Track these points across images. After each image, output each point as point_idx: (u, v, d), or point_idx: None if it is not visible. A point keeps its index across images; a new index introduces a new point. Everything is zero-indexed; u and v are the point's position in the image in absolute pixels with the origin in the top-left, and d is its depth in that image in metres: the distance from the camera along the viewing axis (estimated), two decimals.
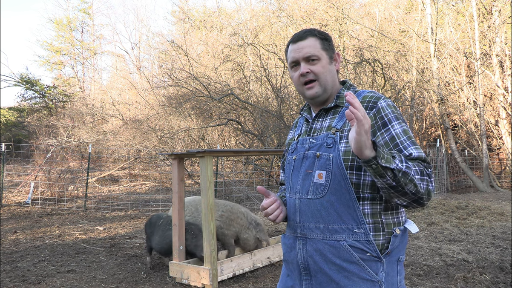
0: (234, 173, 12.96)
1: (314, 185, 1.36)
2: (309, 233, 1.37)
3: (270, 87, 13.26)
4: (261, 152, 5.63)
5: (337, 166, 1.32)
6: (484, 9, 13.65)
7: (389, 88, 12.67)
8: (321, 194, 1.34)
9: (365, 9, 15.86)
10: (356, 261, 1.29)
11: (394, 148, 1.29)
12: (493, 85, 13.15)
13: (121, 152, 15.46)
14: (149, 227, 4.60)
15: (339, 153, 1.33)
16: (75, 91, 27.62)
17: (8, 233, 6.75)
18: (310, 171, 1.38)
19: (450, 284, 3.77)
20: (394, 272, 1.33)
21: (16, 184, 11.67)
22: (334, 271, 1.30)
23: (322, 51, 1.44)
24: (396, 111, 1.36)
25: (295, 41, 1.46)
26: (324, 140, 1.38)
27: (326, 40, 1.46)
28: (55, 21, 30.17)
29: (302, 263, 1.39)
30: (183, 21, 23.95)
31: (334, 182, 1.32)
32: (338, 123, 1.38)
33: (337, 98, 1.46)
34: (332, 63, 1.47)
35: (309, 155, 1.40)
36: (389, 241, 1.32)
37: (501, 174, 14.24)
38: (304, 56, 1.43)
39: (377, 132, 1.33)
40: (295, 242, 1.42)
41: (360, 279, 1.28)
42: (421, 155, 1.28)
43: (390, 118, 1.33)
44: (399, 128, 1.31)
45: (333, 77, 1.47)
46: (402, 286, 1.36)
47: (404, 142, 1.29)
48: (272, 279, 4.13)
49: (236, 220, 4.56)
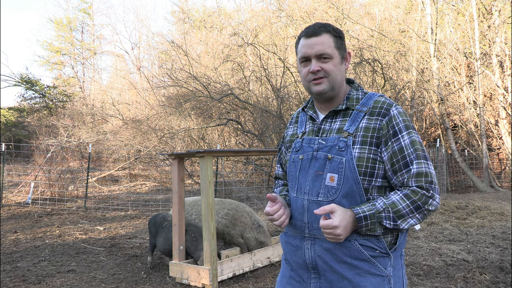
0: (234, 173, 12.96)
1: (326, 187, 1.37)
2: (319, 234, 1.38)
3: (270, 87, 13.26)
4: (261, 152, 5.63)
5: (349, 170, 1.34)
6: (484, 9, 13.65)
7: (389, 88, 12.67)
8: (332, 197, 1.35)
9: (365, 9, 15.85)
10: (366, 258, 1.34)
11: (401, 160, 1.34)
12: (493, 85, 13.15)
13: (121, 152, 15.46)
14: (154, 226, 4.58)
15: (352, 157, 1.34)
16: (75, 91, 27.63)
17: (8, 233, 6.75)
18: (321, 173, 1.38)
19: (450, 284, 3.77)
20: (399, 265, 1.42)
21: (16, 184, 11.67)
22: (346, 269, 1.35)
23: (335, 50, 1.41)
24: (406, 119, 1.38)
25: (309, 35, 1.41)
26: (335, 142, 1.38)
27: (340, 38, 1.43)
28: (55, 21, 30.19)
29: (310, 263, 1.41)
30: (183, 21, 23.96)
31: (346, 185, 1.34)
32: (351, 128, 1.39)
33: (347, 99, 1.45)
34: (343, 62, 1.45)
35: (319, 156, 1.40)
36: (397, 238, 1.39)
37: (501, 174, 14.23)
38: (316, 54, 1.39)
39: (388, 142, 1.36)
40: (302, 242, 1.43)
41: (370, 275, 1.34)
42: (421, 171, 1.33)
43: (401, 127, 1.36)
44: (408, 139, 1.35)
45: (342, 76, 1.45)
46: (405, 278, 1.44)
47: (411, 155, 1.34)
48: (272, 279, 4.13)
49: (240, 219, 4.60)
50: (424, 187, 1.31)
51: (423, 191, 1.31)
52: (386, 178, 1.38)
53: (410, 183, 1.33)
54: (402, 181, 1.34)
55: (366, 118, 1.38)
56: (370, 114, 1.39)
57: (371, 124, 1.37)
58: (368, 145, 1.35)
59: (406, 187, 1.34)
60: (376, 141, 1.36)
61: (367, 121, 1.38)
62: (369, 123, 1.37)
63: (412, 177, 1.32)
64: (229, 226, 4.57)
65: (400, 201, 1.31)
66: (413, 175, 1.32)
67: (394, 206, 1.30)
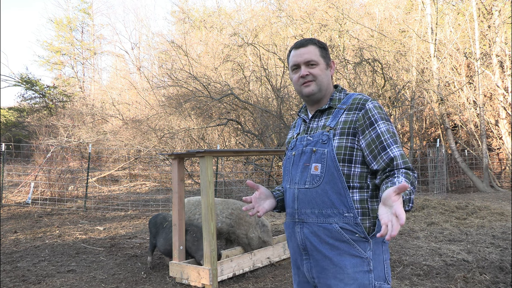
0: (234, 173, 12.96)
1: (311, 176, 1.55)
2: (306, 218, 1.57)
3: (270, 87, 13.26)
4: (261, 152, 5.63)
5: (330, 159, 1.52)
6: (484, 9, 13.64)
7: (389, 88, 12.67)
8: (316, 184, 1.54)
9: (365, 9, 15.85)
10: (346, 240, 1.49)
11: (379, 145, 1.50)
12: (493, 85, 13.15)
13: (121, 152, 15.46)
14: (154, 226, 4.58)
15: (333, 148, 1.53)
16: (75, 91, 27.63)
17: (8, 233, 6.75)
18: (308, 164, 1.58)
19: (450, 284, 3.77)
20: (380, 251, 1.53)
21: (16, 184, 11.67)
22: (328, 249, 1.51)
23: (321, 58, 1.65)
24: (381, 112, 1.56)
25: (297, 47, 1.66)
26: (319, 137, 1.59)
27: (324, 49, 1.68)
28: (55, 21, 30.18)
29: (301, 244, 1.60)
30: (183, 21, 23.96)
31: (328, 173, 1.52)
32: (332, 122, 1.59)
33: (330, 100, 1.66)
34: (328, 69, 1.68)
35: (306, 151, 1.60)
36: (375, 224, 1.52)
37: (501, 174, 14.24)
38: (305, 61, 1.63)
39: (365, 131, 1.53)
40: (294, 227, 1.62)
41: (350, 256, 1.49)
42: (402, 153, 1.49)
43: (376, 118, 1.54)
44: (384, 127, 1.52)
45: (328, 80, 1.67)
46: (387, 263, 1.56)
47: (387, 140, 1.51)
48: (272, 279, 4.13)
49: (245, 219, 4.63)
50: (410, 168, 1.47)
51: (413, 174, 1.45)
52: (365, 164, 1.53)
53: (398, 165, 1.46)
54: (382, 164, 1.48)
55: (345, 113, 1.58)
56: (348, 110, 1.59)
57: (349, 118, 1.56)
58: (346, 135, 1.53)
59: (396, 169, 1.46)
60: (353, 131, 1.54)
61: (345, 116, 1.57)
62: (347, 117, 1.57)
63: (397, 159, 1.46)
64: (234, 226, 4.59)
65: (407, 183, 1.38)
66: (396, 158, 1.47)
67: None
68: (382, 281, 1.52)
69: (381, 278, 1.52)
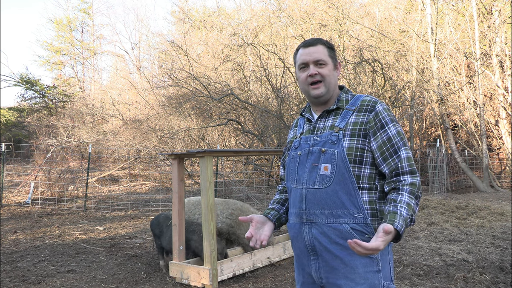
0: (234, 173, 12.96)
1: (320, 176, 1.55)
2: (315, 218, 1.56)
3: (270, 87, 13.26)
4: (261, 152, 5.63)
5: (341, 160, 1.53)
6: (484, 9, 13.64)
7: (389, 88, 12.68)
8: (327, 184, 1.54)
9: (365, 9, 15.84)
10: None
11: (390, 147, 1.54)
12: (493, 85, 13.14)
13: (121, 152, 15.45)
14: (157, 226, 4.54)
15: (343, 149, 1.54)
16: (75, 91, 27.60)
17: (8, 233, 6.75)
18: (316, 164, 1.57)
19: (450, 284, 3.77)
20: (386, 251, 1.56)
21: (16, 184, 11.67)
22: (338, 249, 1.52)
23: (329, 58, 1.65)
24: (390, 114, 1.60)
25: (306, 46, 1.66)
26: (328, 137, 1.58)
27: (332, 49, 1.69)
28: (55, 21, 30.17)
29: (309, 245, 1.58)
30: (183, 21, 23.94)
31: (339, 174, 1.52)
32: (341, 123, 1.59)
33: (337, 101, 1.67)
34: (335, 70, 1.69)
35: (314, 151, 1.60)
36: None
37: (501, 174, 14.24)
38: (314, 60, 1.63)
39: (376, 133, 1.56)
40: (301, 227, 1.61)
41: (360, 256, 1.46)
42: (409, 156, 1.55)
43: (386, 120, 1.57)
44: (394, 130, 1.56)
45: (335, 81, 1.68)
46: (391, 263, 1.60)
47: (398, 143, 1.55)
48: (272, 279, 4.13)
49: None
50: (415, 171, 1.53)
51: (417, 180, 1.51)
52: (374, 166, 1.57)
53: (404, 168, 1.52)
54: (393, 166, 1.53)
55: (355, 115, 1.59)
56: (358, 111, 1.60)
57: (359, 119, 1.58)
58: (356, 137, 1.55)
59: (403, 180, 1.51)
60: (364, 132, 1.56)
61: (355, 117, 1.59)
62: (357, 118, 1.58)
63: (403, 162, 1.52)
64: (234, 226, 4.58)
65: (411, 200, 1.47)
66: (404, 160, 1.53)
67: (410, 207, 1.45)
68: (389, 280, 1.55)
69: (388, 278, 1.55)
